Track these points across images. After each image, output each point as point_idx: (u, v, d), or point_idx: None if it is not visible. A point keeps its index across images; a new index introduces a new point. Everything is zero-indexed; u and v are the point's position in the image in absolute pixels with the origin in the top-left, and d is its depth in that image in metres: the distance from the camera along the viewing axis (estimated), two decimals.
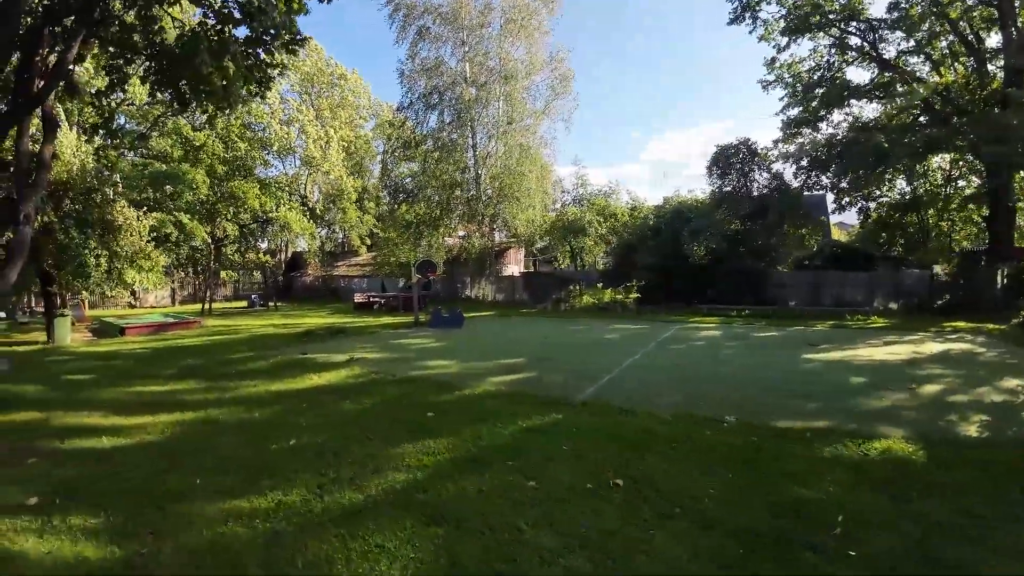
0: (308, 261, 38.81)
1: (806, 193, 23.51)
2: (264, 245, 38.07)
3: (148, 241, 15.21)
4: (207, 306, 24.42)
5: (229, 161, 29.29)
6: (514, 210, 28.23)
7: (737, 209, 21.83)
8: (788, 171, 22.88)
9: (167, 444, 5.14)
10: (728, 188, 22.84)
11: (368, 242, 39.77)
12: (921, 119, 20.69)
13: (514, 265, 34.95)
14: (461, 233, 32.73)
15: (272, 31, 7.31)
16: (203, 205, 28.09)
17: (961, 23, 19.67)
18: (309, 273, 38.24)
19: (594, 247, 31.33)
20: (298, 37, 8.55)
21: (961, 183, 23.04)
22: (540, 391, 7.10)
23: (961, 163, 22.03)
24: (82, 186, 12.62)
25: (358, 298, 25.85)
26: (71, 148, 12.98)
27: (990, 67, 19.78)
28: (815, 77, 22.51)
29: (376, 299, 24.94)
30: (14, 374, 9.27)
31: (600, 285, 24.19)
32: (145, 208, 17.25)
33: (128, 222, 13.90)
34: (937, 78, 20.56)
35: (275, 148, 32.93)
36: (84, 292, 13.87)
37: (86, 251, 12.37)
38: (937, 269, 20.11)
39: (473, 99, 27.65)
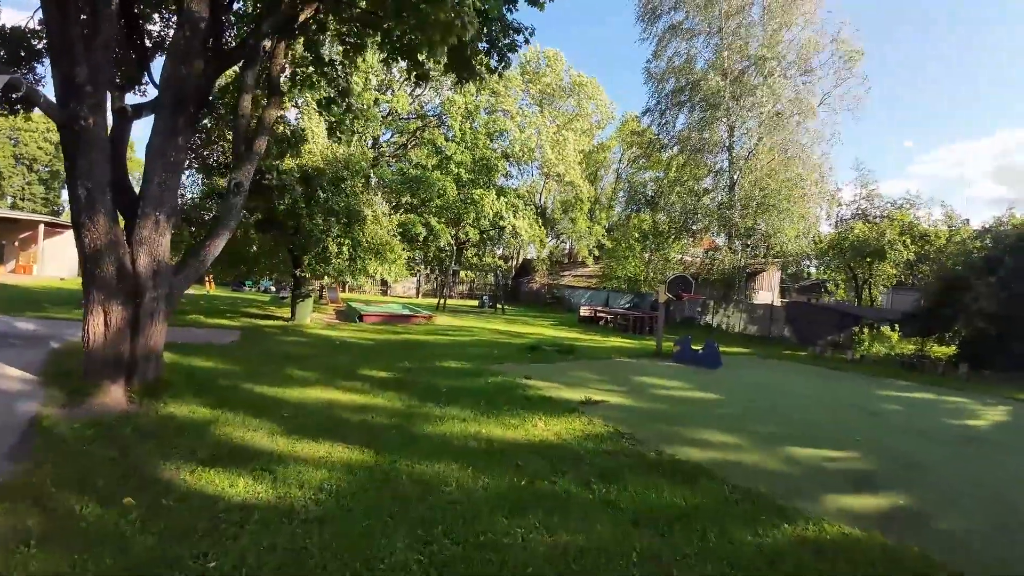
0: (536, 268, 39.00)
1: None
2: (500, 251, 39.53)
3: (393, 235, 15.38)
4: (442, 302, 25.26)
5: (472, 168, 30.53)
6: (779, 223, 22.78)
7: None
8: None
9: (309, 526, 3.09)
10: None
11: (596, 253, 38.12)
12: None
13: (766, 291, 28.79)
14: (702, 248, 28.31)
15: None
16: (449, 210, 29.83)
17: None
18: (536, 280, 38.32)
19: (884, 277, 23.44)
20: None
21: None
22: (945, 554, 3.35)
23: None
24: (332, 175, 12.85)
25: (584, 311, 23.75)
26: (323, 139, 13.47)
27: None
28: None
29: (604, 314, 22.43)
30: (239, 348, 9.27)
31: (892, 329, 17.21)
32: (401, 209, 18.29)
33: (375, 215, 14.02)
34: None
35: (516, 150, 33.26)
36: (326, 277, 14.38)
37: (328, 238, 12.50)
38: None
39: (729, 92, 23.25)
